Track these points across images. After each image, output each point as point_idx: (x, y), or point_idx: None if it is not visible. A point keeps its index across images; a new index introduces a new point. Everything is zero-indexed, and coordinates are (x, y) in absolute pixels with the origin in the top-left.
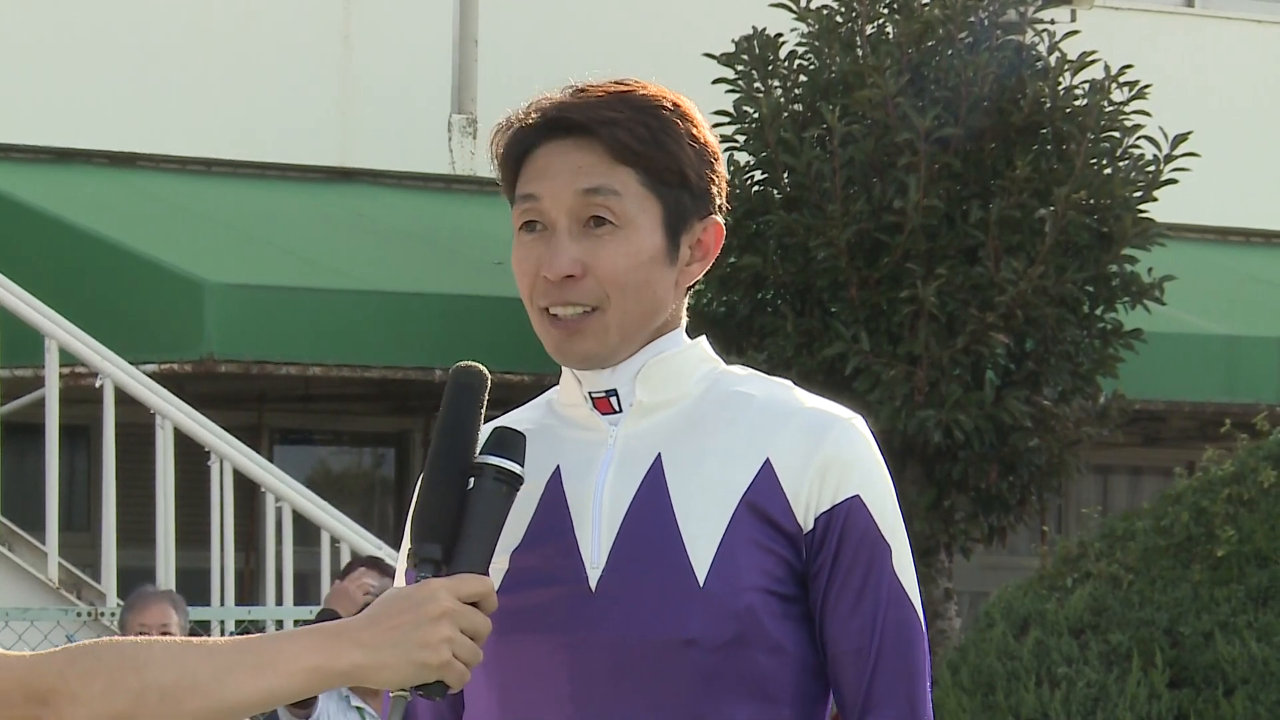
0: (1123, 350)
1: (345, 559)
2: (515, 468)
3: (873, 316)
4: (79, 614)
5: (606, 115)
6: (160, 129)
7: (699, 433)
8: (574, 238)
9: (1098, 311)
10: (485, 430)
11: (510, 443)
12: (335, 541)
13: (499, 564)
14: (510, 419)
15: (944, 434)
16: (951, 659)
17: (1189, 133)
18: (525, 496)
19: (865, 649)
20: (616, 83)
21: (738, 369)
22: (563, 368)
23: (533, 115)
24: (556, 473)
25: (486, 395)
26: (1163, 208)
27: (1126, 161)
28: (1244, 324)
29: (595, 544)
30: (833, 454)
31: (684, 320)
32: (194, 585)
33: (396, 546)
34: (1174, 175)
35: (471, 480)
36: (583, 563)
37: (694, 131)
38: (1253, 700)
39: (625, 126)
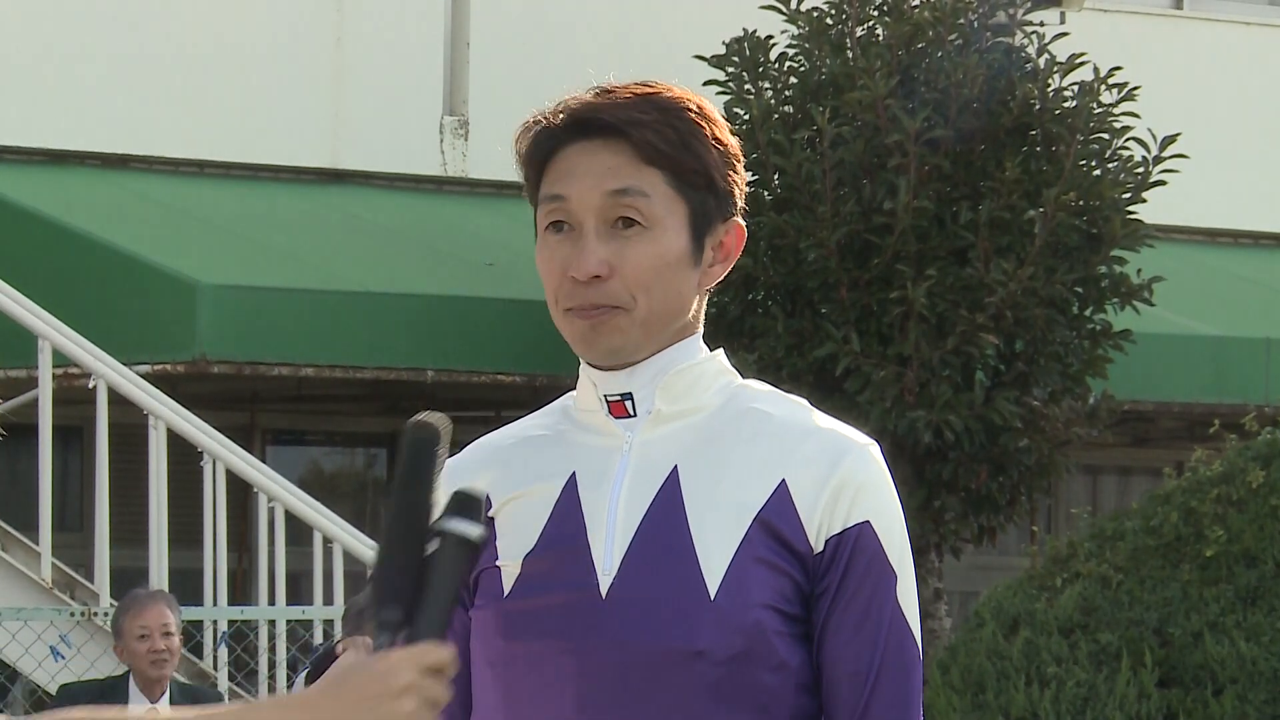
0: (1112, 351)
1: (338, 559)
2: (475, 533)
3: (863, 317)
4: (72, 614)
5: (636, 117)
6: (153, 131)
7: (716, 447)
8: (601, 239)
9: (1087, 312)
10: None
11: (470, 505)
12: (328, 542)
13: (511, 568)
14: (525, 425)
15: (934, 434)
16: (941, 659)
17: (1177, 134)
18: (540, 501)
19: (864, 673)
20: (641, 84)
21: (755, 384)
22: (580, 372)
23: (560, 116)
24: (572, 479)
25: (445, 449)
26: (1151, 209)
27: (1115, 163)
28: (1232, 325)
29: (608, 551)
30: (847, 478)
31: (702, 324)
32: (187, 585)
33: None
34: (1163, 177)
35: (432, 543)
36: (594, 569)
37: (717, 134)
38: (1241, 700)
39: (654, 128)
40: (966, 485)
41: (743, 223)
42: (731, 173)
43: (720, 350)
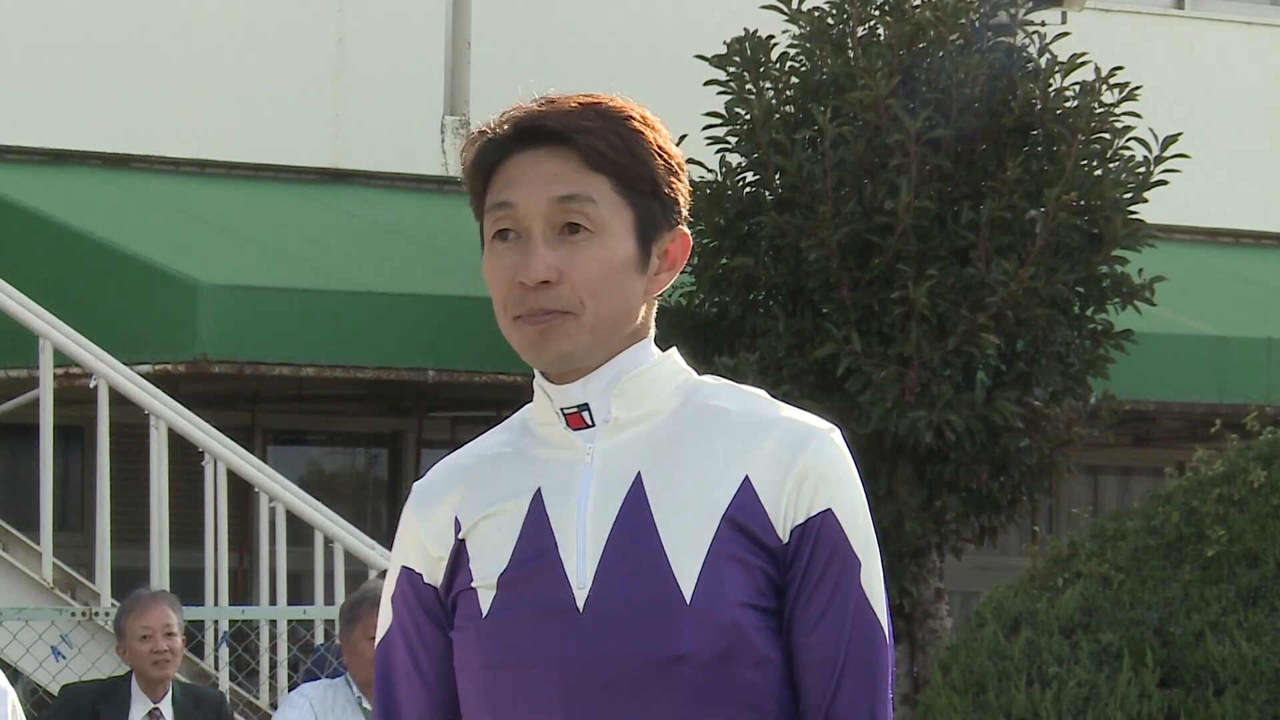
0: (1113, 351)
1: (339, 559)
2: None
3: (864, 317)
4: (73, 614)
5: (581, 124)
6: (154, 130)
7: (677, 450)
8: (549, 244)
9: (1088, 312)
10: None
11: None
12: (329, 541)
13: (486, 589)
14: (487, 442)
15: (935, 434)
16: (943, 659)
17: (1179, 134)
18: (509, 520)
19: (830, 660)
20: (584, 95)
21: (710, 380)
22: (534, 385)
23: (505, 125)
24: (538, 495)
25: None
26: (1153, 209)
27: (1117, 163)
28: (1234, 324)
29: (580, 565)
30: (809, 466)
31: (652, 330)
32: (188, 585)
33: (389, 547)
34: (1164, 177)
35: None
36: (569, 583)
37: (661, 143)
38: (1243, 700)
39: (599, 135)
40: (967, 485)
41: (688, 231)
42: (676, 181)
43: (673, 349)
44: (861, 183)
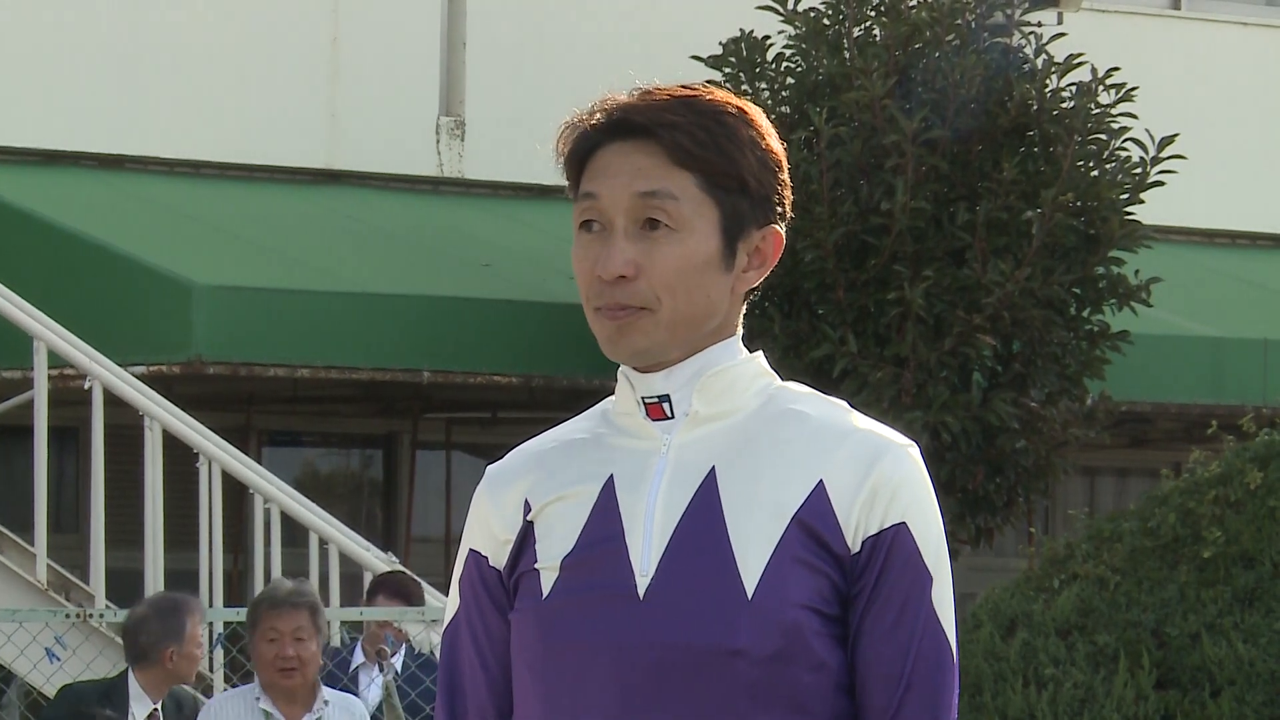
0: (1109, 352)
1: (333, 560)
2: None
3: (860, 318)
4: (67, 615)
5: (668, 118)
6: (148, 131)
7: (753, 448)
8: (630, 238)
9: (1084, 313)
10: None
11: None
12: (323, 543)
13: (549, 571)
14: (566, 429)
15: (931, 436)
16: None
17: (1175, 135)
18: (578, 504)
19: (896, 675)
20: (683, 87)
21: (794, 386)
22: (618, 374)
23: (596, 116)
24: (610, 481)
25: None
26: (1149, 210)
27: (1113, 164)
28: (1230, 326)
29: (645, 552)
30: (884, 479)
31: (740, 329)
32: (183, 586)
33: (384, 548)
34: (1160, 177)
35: None
36: (632, 570)
37: (757, 138)
38: (1239, 701)
39: (686, 130)
40: (964, 486)
41: (781, 230)
42: (771, 179)
43: (759, 352)
44: (857, 183)
